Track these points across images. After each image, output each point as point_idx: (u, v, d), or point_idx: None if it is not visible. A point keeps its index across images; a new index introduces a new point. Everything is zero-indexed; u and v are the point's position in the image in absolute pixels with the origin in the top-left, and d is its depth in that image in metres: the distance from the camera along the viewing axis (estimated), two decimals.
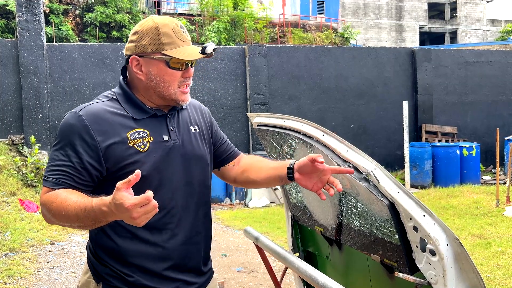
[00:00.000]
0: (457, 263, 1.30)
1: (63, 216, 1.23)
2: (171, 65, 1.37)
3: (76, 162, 1.30)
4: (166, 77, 1.38)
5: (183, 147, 1.44)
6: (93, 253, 1.42)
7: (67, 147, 1.31)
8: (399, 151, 10.09)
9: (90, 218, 1.19)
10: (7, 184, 7.10)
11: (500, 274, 4.17)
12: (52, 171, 1.31)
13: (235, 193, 8.41)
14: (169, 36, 1.37)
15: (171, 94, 1.40)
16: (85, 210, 1.18)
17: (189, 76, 1.42)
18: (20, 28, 8.44)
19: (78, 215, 1.20)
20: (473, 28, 31.44)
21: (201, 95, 9.39)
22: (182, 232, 1.42)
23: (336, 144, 1.59)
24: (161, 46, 1.36)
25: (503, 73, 11.26)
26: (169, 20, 1.40)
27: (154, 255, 1.38)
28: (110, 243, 1.38)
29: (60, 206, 1.23)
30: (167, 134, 1.41)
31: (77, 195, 1.25)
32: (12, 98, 8.50)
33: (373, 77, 10.47)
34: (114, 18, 14.83)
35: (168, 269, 1.40)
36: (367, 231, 1.66)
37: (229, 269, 4.67)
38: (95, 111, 1.35)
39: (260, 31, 17.90)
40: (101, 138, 1.32)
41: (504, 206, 6.65)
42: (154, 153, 1.37)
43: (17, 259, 4.90)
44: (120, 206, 1.08)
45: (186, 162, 1.44)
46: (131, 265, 1.37)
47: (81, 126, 1.32)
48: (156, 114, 1.42)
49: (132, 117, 1.38)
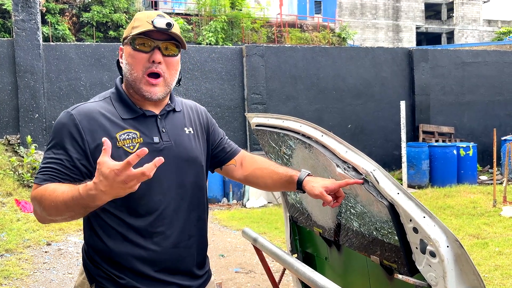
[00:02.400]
0: (457, 265, 1.29)
1: (52, 207, 1.22)
2: (136, 47, 1.36)
3: (65, 159, 1.30)
4: (130, 60, 1.37)
5: (175, 148, 1.42)
6: (87, 255, 1.42)
7: (58, 145, 1.32)
8: (396, 151, 10.11)
9: (79, 206, 1.17)
10: (3, 184, 7.07)
11: (497, 274, 4.17)
12: (43, 169, 1.31)
13: (233, 193, 8.40)
14: (140, 20, 1.38)
15: (135, 80, 1.36)
16: (73, 198, 1.17)
17: (155, 60, 1.35)
18: (16, 28, 8.40)
19: (67, 204, 1.19)
20: (470, 28, 31.54)
21: (199, 95, 9.37)
22: (174, 235, 1.40)
23: (335, 145, 1.58)
24: (131, 30, 1.37)
25: (500, 73, 11.29)
26: (151, 11, 1.41)
27: (145, 258, 1.36)
28: (101, 245, 1.36)
29: (48, 198, 1.23)
30: (158, 136, 1.39)
31: (64, 186, 1.24)
32: (8, 98, 8.46)
33: (370, 77, 10.48)
34: (111, 18, 14.78)
35: (159, 272, 1.38)
36: (367, 232, 1.65)
37: (226, 270, 4.65)
38: (87, 111, 1.35)
39: (258, 31, 17.89)
40: (90, 138, 1.32)
41: (501, 206, 6.67)
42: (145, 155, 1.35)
43: (13, 260, 4.86)
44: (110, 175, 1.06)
45: (179, 164, 1.42)
46: (123, 267, 1.35)
47: (72, 125, 1.32)
48: (145, 114, 1.40)
49: (121, 116, 1.37)
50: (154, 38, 1.36)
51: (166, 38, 1.37)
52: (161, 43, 1.37)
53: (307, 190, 1.46)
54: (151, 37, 1.36)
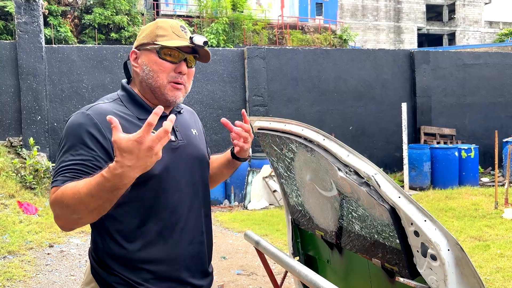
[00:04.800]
0: (458, 268, 1.30)
1: (76, 201, 1.14)
2: (162, 56, 1.38)
3: (87, 159, 1.24)
4: (155, 67, 1.38)
5: (188, 147, 1.46)
6: (99, 262, 1.38)
7: (77, 146, 1.26)
8: (398, 152, 10.11)
9: (106, 190, 1.10)
10: (6, 186, 7.09)
11: (499, 277, 4.17)
12: (63, 171, 1.23)
13: (234, 195, 8.41)
14: (165, 29, 1.39)
15: (160, 87, 1.38)
16: (98, 184, 1.10)
17: (182, 72, 1.39)
18: (19, 30, 8.43)
19: (92, 193, 1.11)
20: (471, 30, 31.54)
21: (200, 97, 9.40)
22: (189, 231, 1.43)
23: (337, 149, 1.60)
24: (155, 38, 1.39)
25: (501, 75, 11.29)
26: (171, 20, 1.44)
27: (165, 258, 1.37)
28: (120, 250, 1.34)
29: (70, 193, 1.15)
30: (173, 134, 1.42)
31: (86, 179, 1.17)
32: (11, 100, 8.49)
33: (371, 79, 10.50)
34: (113, 20, 14.83)
35: (179, 270, 1.40)
36: (368, 235, 1.66)
37: (228, 272, 4.66)
38: (103, 110, 1.33)
39: (259, 32, 17.93)
40: (111, 136, 1.28)
41: (502, 208, 6.66)
42: (163, 152, 1.35)
43: (16, 261, 4.88)
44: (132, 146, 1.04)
45: (191, 162, 1.46)
46: (142, 271, 1.35)
47: (91, 124, 1.28)
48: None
49: (137, 117, 1.38)
50: (184, 51, 1.40)
51: (191, 51, 1.42)
52: (188, 56, 1.41)
53: (236, 152, 1.61)
54: (181, 49, 1.39)
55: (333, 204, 1.83)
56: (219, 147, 9.05)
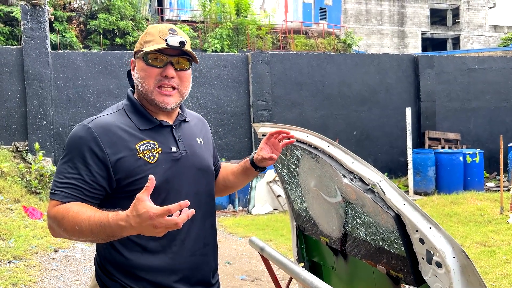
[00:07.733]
0: (463, 276, 1.30)
1: (75, 230, 1.22)
2: (149, 62, 1.39)
3: (86, 174, 1.30)
4: (142, 73, 1.40)
5: (191, 158, 1.45)
6: (102, 268, 1.41)
7: (75, 159, 1.31)
8: (402, 157, 10.08)
9: (105, 233, 1.18)
10: (11, 191, 7.12)
11: (505, 283, 4.14)
12: (61, 184, 1.29)
13: (238, 200, 8.41)
14: (152, 35, 1.41)
15: (148, 93, 1.40)
16: (100, 225, 1.18)
17: (168, 75, 1.39)
18: (25, 36, 8.51)
19: (92, 230, 1.19)
20: (476, 34, 31.48)
21: (204, 102, 9.42)
22: (191, 243, 1.42)
23: (342, 155, 1.60)
24: (143, 44, 1.41)
25: (506, 80, 11.25)
26: (162, 25, 1.44)
27: (164, 268, 1.38)
28: (119, 257, 1.37)
29: (72, 221, 1.22)
30: (175, 145, 1.43)
31: (90, 209, 1.24)
32: (17, 105, 8.55)
33: (375, 84, 10.49)
34: (118, 25, 14.93)
35: (178, 282, 1.40)
36: (373, 242, 1.66)
37: (232, 277, 4.65)
38: (104, 124, 1.35)
39: (263, 37, 17.98)
40: (110, 151, 1.32)
41: (508, 213, 6.62)
42: (163, 164, 1.37)
43: (21, 266, 4.90)
44: (144, 216, 1.10)
45: (194, 172, 1.45)
46: (142, 280, 1.36)
47: (90, 138, 1.31)
48: (161, 124, 1.43)
49: (138, 128, 1.39)
50: (167, 53, 1.39)
51: (178, 53, 1.41)
52: (174, 59, 1.40)
53: (258, 161, 1.58)
54: (164, 52, 1.39)
55: (338, 210, 1.83)
56: (222, 152, 9.08)
